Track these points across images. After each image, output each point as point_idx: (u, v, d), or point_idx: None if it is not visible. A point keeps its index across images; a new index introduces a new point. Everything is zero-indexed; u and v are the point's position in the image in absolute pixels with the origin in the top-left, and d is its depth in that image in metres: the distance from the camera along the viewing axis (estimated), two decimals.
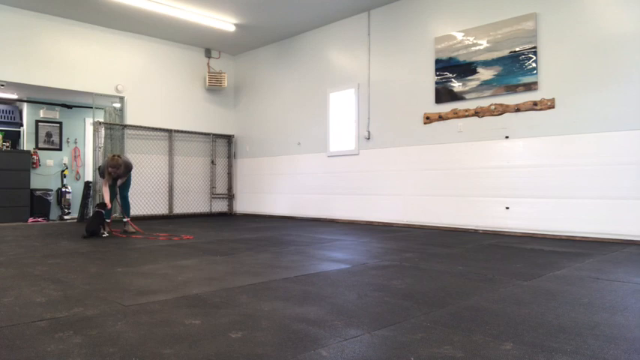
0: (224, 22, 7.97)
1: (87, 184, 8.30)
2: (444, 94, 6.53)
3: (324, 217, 8.13)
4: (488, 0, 6.15)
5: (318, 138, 8.29)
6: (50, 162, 10.45)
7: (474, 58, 6.23)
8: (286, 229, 6.56)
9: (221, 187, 9.88)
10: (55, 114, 10.49)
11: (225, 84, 9.50)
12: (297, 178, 8.71)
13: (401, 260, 3.92)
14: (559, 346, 1.85)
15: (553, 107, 5.55)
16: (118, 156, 5.93)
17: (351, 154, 7.75)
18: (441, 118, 6.57)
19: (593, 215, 5.23)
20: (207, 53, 9.55)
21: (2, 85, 8.34)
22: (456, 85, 6.40)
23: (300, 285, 2.96)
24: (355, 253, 4.38)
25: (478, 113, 6.20)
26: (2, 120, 10.02)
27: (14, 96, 9.74)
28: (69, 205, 10.28)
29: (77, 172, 10.86)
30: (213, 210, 9.65)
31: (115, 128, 8.41)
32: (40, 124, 10.37)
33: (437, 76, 6.61)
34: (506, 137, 5.93)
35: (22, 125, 10.28)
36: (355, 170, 7.70)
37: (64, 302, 2.50)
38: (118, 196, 6.20)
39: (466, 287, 2.91)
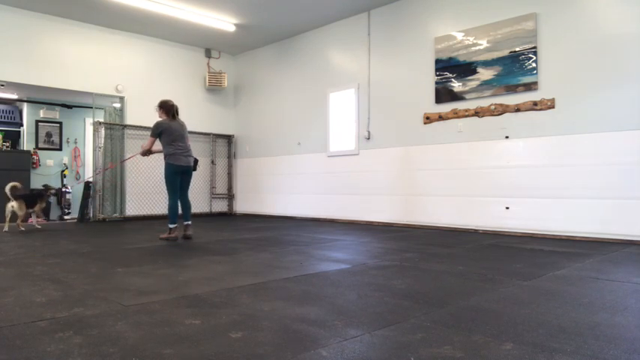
0: (224, 22, 7.97)
1: (87, 184, 8.30)
2: (444, 94, 6.53)
3: (324, 217, 8.13)
4: (488, 0, 6.14)
5: (318, 138, 8.29)
6: (50, 162, 10.46)
7: (474, 58, 6.23)
8: (286, 229, 6.56)
9: (221, 187, 9.88)
10: (55, 114, 10.49)
11: (225, 84, 9.49)
12: (297, 178, 8.71)
13: (401, 260, 3.91)
14: (559, 346, 1.85)
15: (553, 107, 5.55)
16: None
17: (351, 154, 7.75)
18: (441, 118, 6.57)
19: (593, 215, 5.23)
20: (207, 53, 9.55)
21: (2, 85, 8.33)
22: (456, 85, 6.40)
23: (300, 285, 2.96)
24: (355, 253, 4.38)
25: (478, 113, 6.20)
26: (2, 120, 10.02)
27: (14, 96, 9.74)
28: (69, 205, 10.28)
29: (77, 172, 10.86)
30: (213, 210, 9.65)
31: (115, 128, 8.41)
32: (40, 124, 10.38)
33: (437, 76, 6.61)
34: (506, 137, 5.93)
35: (22, 125, 10.28)
36: (355, 170, 7.69)
37: (64, 302, 2.50)
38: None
39: (466, 287, 2.91)
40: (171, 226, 5.28)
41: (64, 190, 10.32)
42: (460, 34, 6.38)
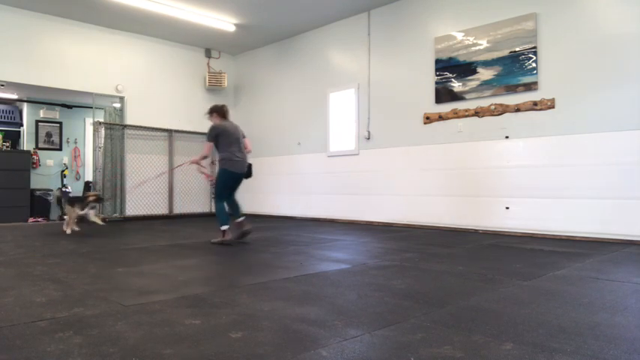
0: (224, 22, 7.97)
1: (87, 184, 8.29)
2: (444, 94, 6.53)
3: (324, 217, 8.13)
4: (488, 0, 6.14)
5: (318, 138, 8.29)
6: (50, 162, 10.45)
7: (474, 58, 6.23)
8: (286, 229, 6.55)
9: None
10: (55, 114, 10.50)
11: (225, 84, 9.49)
12: (297, 178, 8.70)
13: (401, 260, 3.91)
14: (559, 346, 1.85)
15: (553, 107, 5.55)
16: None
17: (351, 154, 7.75)
18: (441, 118, 6.57)
19: (593, 215, 5.23)
20: (207, 53, 9.54)
21: (2, 85, 8.34)
22: (456, 85, 6.40)
23: (300, 285, 2.96)
24: (355, 253, 4.38)
25: (478, 113, 6.20)
26: (2, 120, 10.02)
27: (14, 96, 9.75)
28: None
29: (77, 172, 10.86)
30: (213, 210, 9.61)
31: (115, 128, 8.41)
32: (40, 124, 10.38)
33: (437, 76, 6.61)
34: (506, 137, 5.93)
35: (22, 125, 10.28)
36: (355, 170, 7.69)
37: (64, 302, 2.50)
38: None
39: (466, 287, 2.91)
40: (224, 228, 4.94)
41: (64, 190, 10.32)
42: (460, 34, 6.38)
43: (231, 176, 5.07)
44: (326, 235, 5.79)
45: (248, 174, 5.24)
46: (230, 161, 5.02)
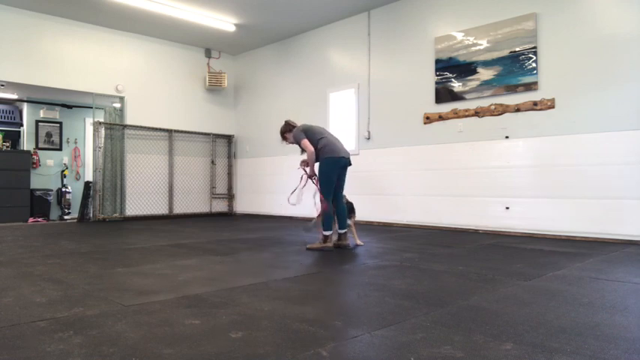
0: (224, 22, 7.97)
1: (87, 184, 8.30)
2: (444, 94, 6.53)
3: None
4: (488, 0, 6.15)
5: None
6: (50, 162, 10.46)
7: (474, 58, 6.22)
8: (286, 229, 6.55)
9: (221, 187, 9.87)
10: (55, 114, 10.50)
11: (225, 84, 9.49)
12: (297, 178, 8.69)
13: (401, 260, 3.91)
14: (559, 346, 1.85)
15: (553, 107, 5.55)
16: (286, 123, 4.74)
17: (351, 154, 7.72)
18: (441, 118, 6.57)
19: (593, 215, 5.23)
20: (207, 53, 9.55)
21: (2, 85, 8.34)
22: (456, 85, 6.40)
23: (300, 285, 2.96)
24: (355, 253, 4.38)
25: (478, 113, 6.20)
26: (2, 120, 10.02)
27: (14, 96, 9.75)
28: (69, 205, 10.28)
29: (77, 172, 10.87)
30: (213, 210, 9.65)
31: (115, 128, 8.41)
32: (40, 124, 10.38)
33: (437, 76, 6.61)
34: (506, 137, 5.93)
35: (22, 125, 10.28)
36: (355, 170, 7.68)
37: (64, 302, 2.50)
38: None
39: (466, 287, 2.91)
40: (326, 233, 4.46)
41: (63, 190, 10.32)
42: (460, 34, 6.38)
43: (336, 164, 4.46)
44: None
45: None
46: (330, 147, 4.46)
